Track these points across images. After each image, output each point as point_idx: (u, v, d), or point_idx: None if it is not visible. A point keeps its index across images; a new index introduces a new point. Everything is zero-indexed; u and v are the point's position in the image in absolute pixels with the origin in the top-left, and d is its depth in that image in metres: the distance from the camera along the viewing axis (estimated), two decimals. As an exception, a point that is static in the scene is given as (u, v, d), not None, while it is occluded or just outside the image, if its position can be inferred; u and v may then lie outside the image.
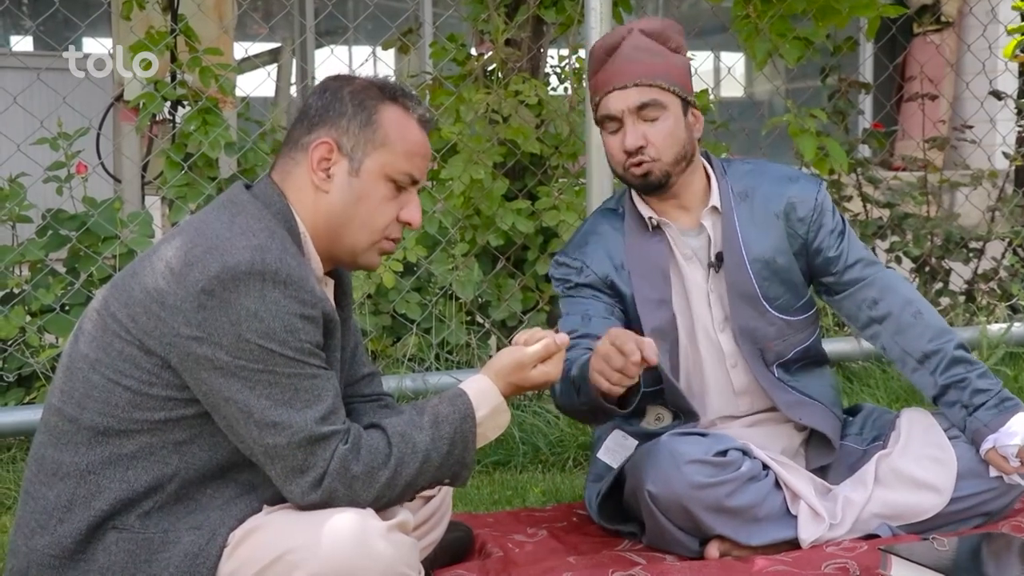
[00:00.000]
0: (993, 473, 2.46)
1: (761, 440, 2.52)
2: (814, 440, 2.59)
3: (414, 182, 1.95)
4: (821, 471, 2.55)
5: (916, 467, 2.47)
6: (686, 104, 2.48)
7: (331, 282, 2.02)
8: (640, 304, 2.50)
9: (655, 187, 2.48)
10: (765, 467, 2.43)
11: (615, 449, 2.48)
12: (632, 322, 2.50)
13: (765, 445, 2.50)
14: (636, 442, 2.45)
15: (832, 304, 2.61)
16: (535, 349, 1.95)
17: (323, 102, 1.92)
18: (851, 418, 2.66)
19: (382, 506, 1.83)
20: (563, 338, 1.98)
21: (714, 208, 2.52)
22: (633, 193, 2.55)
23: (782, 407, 2.54)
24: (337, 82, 1.95)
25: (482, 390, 1.93)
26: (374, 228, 1.92)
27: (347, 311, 2.07)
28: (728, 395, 2.56)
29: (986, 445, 2.44)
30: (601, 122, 2.48)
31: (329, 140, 1.89)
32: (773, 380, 2.54)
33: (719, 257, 2.50)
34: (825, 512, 2.42)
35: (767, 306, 2.52)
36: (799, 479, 2.45)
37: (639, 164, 2.44)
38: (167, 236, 1.90)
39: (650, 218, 2.52)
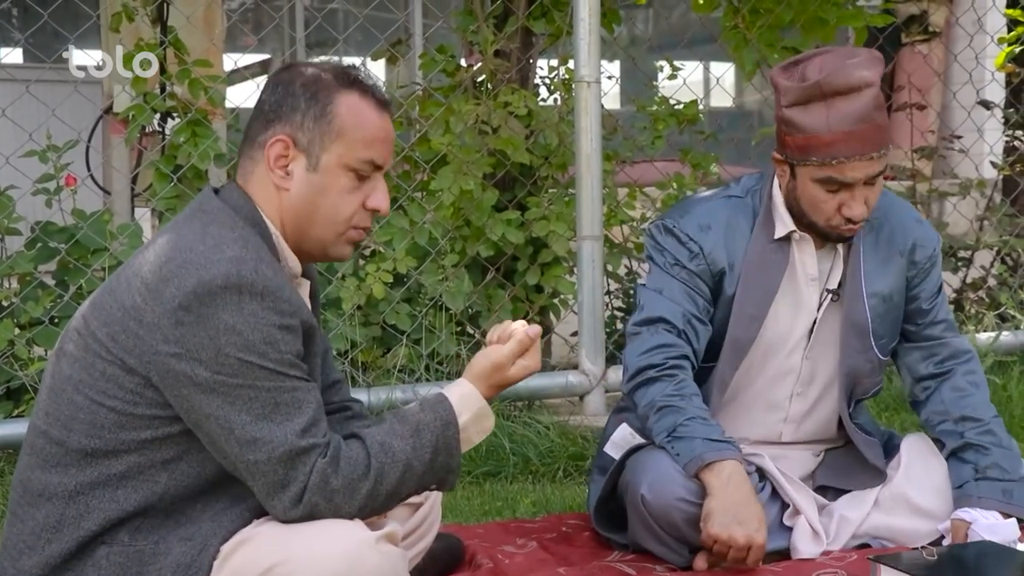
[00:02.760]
0: (942, 526, 2.44)
1: (788, 464, 2.51)
2: (827, 460, 2.58)
3: (377, 168, 1.90)
4: (822, 488, 2.55)
5: (916, 493, 2.47)
6: None
7: (306, 283, 2.00)
8: (735, 313, 2.42)
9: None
10: (761, 478, 2.44)
11: (622, 445, 2.47)
12: (712, 319, 2.43)
13: (788, 468, 2.50)
14: (643, 440, 2.43)
15: (899, 350, 2.56)
16: (511, 348, 1.93)
17: (276, 97, 1.86)
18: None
19: (366, 516, 1.81)
20: (535, 329, 1.95)
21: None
22: (776, 196, 2.42)
23: (860, 445, 2.51)
24: (288, 74, 1.88)
25: (464, 395, 1.92)
26: (338, 220, 1.88)
27: (316, 313, 2.05)
28: (775, 420, 2.52)
29: (964, 515, 2.40)
30: (820, 180, 2.30)
31: (284, 137, 1.84)
32: (848, 416, 2.52)
33: (840, 285, 2.46)
34: (823, 532, 2.43)
35: (873, 343, 2.48)
36: (804, 499, 2.46)
37: (852, 230, 2.36)
38: (140, 249, 1.86)
39: (792, 232, 2.41)
